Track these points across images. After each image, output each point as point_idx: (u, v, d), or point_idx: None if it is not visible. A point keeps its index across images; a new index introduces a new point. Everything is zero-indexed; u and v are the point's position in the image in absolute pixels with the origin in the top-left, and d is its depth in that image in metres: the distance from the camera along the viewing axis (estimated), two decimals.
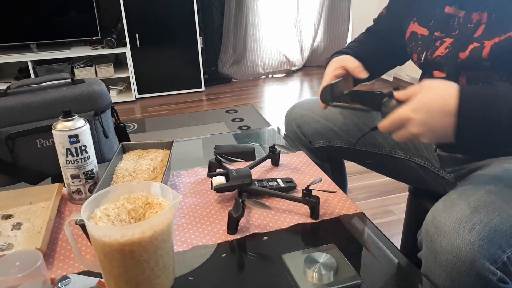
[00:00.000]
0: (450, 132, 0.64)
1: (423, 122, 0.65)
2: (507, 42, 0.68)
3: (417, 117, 0.65)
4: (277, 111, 3.00)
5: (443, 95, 0.64)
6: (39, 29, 3.12)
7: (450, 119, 0.63)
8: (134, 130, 2.71)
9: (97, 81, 1.09)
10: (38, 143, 0.98)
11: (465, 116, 0.63)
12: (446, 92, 0.64)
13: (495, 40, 0.69)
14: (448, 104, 0.63)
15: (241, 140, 1.27)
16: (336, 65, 0.89)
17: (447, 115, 0.63)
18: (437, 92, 0.65)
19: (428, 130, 0.65)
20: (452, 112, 0.63)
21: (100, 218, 0.59)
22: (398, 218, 1.69)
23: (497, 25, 0.70)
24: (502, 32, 0.69)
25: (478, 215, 0.62)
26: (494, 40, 0.70)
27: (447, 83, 0.65)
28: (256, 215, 0.81)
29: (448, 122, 0.63)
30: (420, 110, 0.65)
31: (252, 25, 3.68)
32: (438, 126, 0.64)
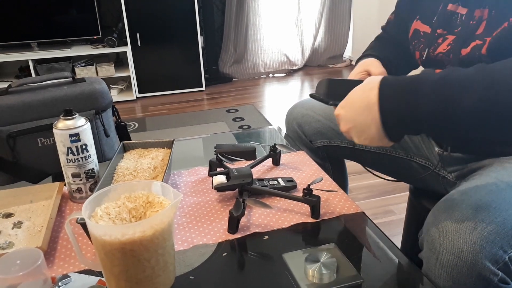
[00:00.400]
0: (375, 128, 0.61)
1: (347, 119, 0.64)
2: (502, 34, 0.67)
3: (343, 113, 0.65)
4: (278, 111, 3.00)
5: (365, 90, 0.62)
6: (40, 28, 3.12)
7: (372, 113, 0.60)
8: (134, 129, 2.71)
9: (98, 80, 1.09)
10: (39, 142, 0.98)
11: (385, 107, 0.59)
12: (369, 86, 0.62)
13: (493, 35, 0.69)
14: (367, 97, 0.61)
15: (242, 139, 1.27)
16: (360, 69, 0.88)
17: (368, 109, 0.61)
18: (362, 87, 0.63)
19: (354, 126, 0.64)
20: (371, 105, 0.60)
21: (101, 217, 0.59)
22: (399, 218, 1.69)
23: (496, 21, 0.70)
24: (498, 26, 0.68)
25: (480, 215, 0.61)
26: (492, 36, 0.69)
27: (375, 77, 0.63)
28: (256, 214, 0.81)
29: (370, 116, 0.60)
30: (345, 106, 0.65)
31: (253, 25, 3.68)
32: (362, 121, 0.62)
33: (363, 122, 0.62)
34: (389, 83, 0.60)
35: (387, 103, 0.59)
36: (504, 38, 0.67)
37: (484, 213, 0.62)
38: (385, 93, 0.60)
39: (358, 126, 0.63)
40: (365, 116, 0.61)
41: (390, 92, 0.60)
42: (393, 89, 0.60)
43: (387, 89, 0.60)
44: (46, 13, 3.09)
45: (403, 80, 0.59)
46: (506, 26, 0.67)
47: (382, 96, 0.60)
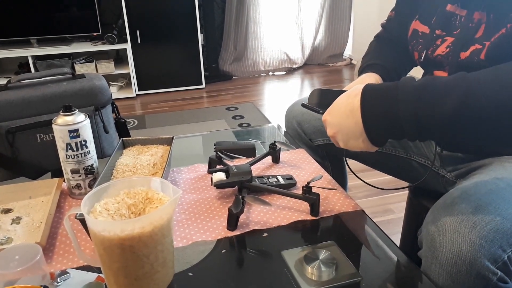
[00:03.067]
0: (359, 133, 0.64)
1: (333, 124, 0.68)
2: (500, 40, 0.68)
3: (330, 119, 0.68)
4: (278, 109, 3.00)
5: (350, 96, 0.65)
6: (39, 24, 3.11)
7: (354, 117, 0.63)
8: (134, 126, 2.71)
9: (98, 76, 1.08)
10: (38, 138, 0.98)
11: (367, 112, 0.62)
12: (354, 92, 0.65)
13: (492, 40, 0.69)
14: (351, 103, 0.64)
15: (241, 137, 1.26)
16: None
17: (351, 115, 0.64)
18: (347, 94, 0.66)
19: (340, 131, 0.67)
20: (355, 110, 0.63)
21: (100, 213, 0.59)
22: (398, 217, 1.69)
23: (494, 25, 0.69)
24: (496, 31, 0.68)
25: (479, 214, 0.61)
26: (491, 41, 0.69)
27: (361, 84, 0.66)
28: (256, 212, 0.81)
29: (353, 121, 0.64)
30: (332, 112, 0.68)
31: (253, 23, 3.67)
32: (346, 126, 0.65)
33: (348, 127, 0.65)
34: (371, 89, 0.63)
35: (368, 108, 0.62)
36: (502, 44, 0.67)
37: (483, 212, 0.62)
38: (367, 98, 0.63)
39: (343, 130, 0.66)
40: (349, 121, 0.64)
41: (371, 97, 0.62)
42: (374, 94, 0.62)
43: (368, 95, 0.63)
44: (46, 9, 3.08)
45: (384, 86, 0.62)
46: (504, 32, 0.67)
47: (364, 101, 0.63)
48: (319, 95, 0.80)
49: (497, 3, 0.70)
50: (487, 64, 0.68)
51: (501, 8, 0.69)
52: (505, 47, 0.67)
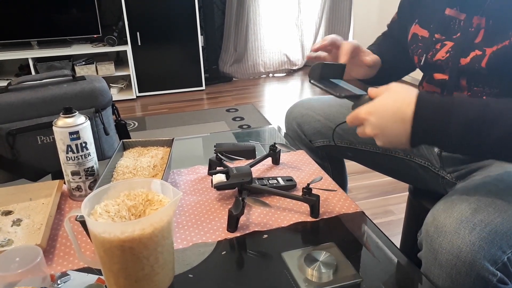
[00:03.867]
0: (404, 139, 0.65)
1: (376, 126, 0.67)
2: (503, 51, 0.68)
3: (372, 120, 0.67)
4: (278, 110, 3.00)
5: (400, 101, 0.65)
6: (40, 26, 3.11)
7: (405, 126, 0.64)
8: (134, 128, 2.71)
9: (98, 78, 1.09)
10: (39, 140, 0.98)
11: (419, 125, 0.63)
12: (404, 99, 0.65)
13: (493, 49, 0.69)
14: (403, 111, 0.64)
15: (242, 138, 1.26)
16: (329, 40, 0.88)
17: (401, 122, 0.64)
18: (395, 97, 0.66)
19: (381, 134, 0.67)
20: (406, 120, 0.64)
21: (100, 215, 0.59)
22: (398, 218, 1.69)
23: (495, 33, 0.70)
24: (499, 41, 0.68)
25: (479, 215, 0.62)
26: (492, 49, 0.69)
27: (409, 89, 0.66)
28: (256, 213, 0.81)
29: (403, 128, 0.64)
30: (375, 114, 0.67)
31: (253, 24, 3.68)
32: (392, 131, 0.65)
33: (394, 132, 0.65)
34: (426, 103, 0.63)
35: (421, 123, 0.63)
36: (504, 55, 0.68)
37: (483, 214, 0.62)
38: (421, 112, 0.63)
39: (387, 134, 0.66)
40: (396, 127, 0.65)
41: (425, 112, 0.63)
42: (429, 110, 0.63)
43: (423, 109, 0.63)
44: (47, 11, 3.09)
45: (440, 103, 0.63)
46: (507, 44, 0.67)
47: (418, 114, 0.63)
48: (321, 69, 0.80)
49: (495, 10, 0.70)
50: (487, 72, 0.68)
51: (501, 15, 0.69)
52: (507, 58, 0.68)
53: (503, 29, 0.68)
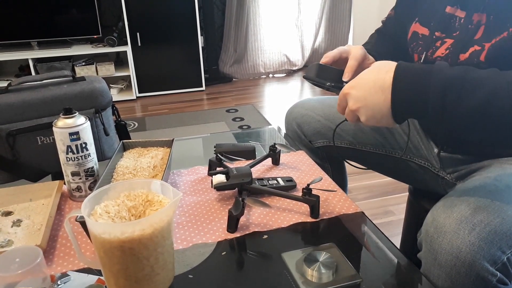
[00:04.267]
0: (386, 109, 0.64)
1: (358, 98, 0.67)
2: (501, 43, 0.68)
3: (353, 93, 0.67)
4: (278, 111, 3.00)
5: (380, 72, 0.65)
6: (40, 27, 3.12)
7: (385, 94, 0.63)
8: (134, 129, 2.71)
9: (98, 78, 1.08)
10: (39, 140, 0.98)
11: (397, 90, 0.62)
12: (384, 69, 0.65)
13: (492, 42, 0.69)
14: (382, 79, 0.64)
15: (242, 139, 1.27)
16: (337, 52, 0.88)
17: (381, 91, 0.64)
18: (375, 69, 0.66)
19: (363, 106, 0.66)
20: (386, 87, 0.63)
21: (100, 215, 0.59)
22: (398, 219, 1.69)
23: (495, 27, 0.70)
24: (498, 34, 0.68)
25: (478, 216, 0.62)
26: (491, 43, 0.69)
27: (389, 62, 0.66)
28: (256, 214, 0.81)
29: (383, 98, 0.63)
30: (357, 86, 0.67)
31: (253, 25, 3.68)
32: (373, 102, 0.65)
33: (375, 102, 0.64)
34: (405, 69, 0.63)
35: (400, 88, 0.62)
36: (503, 48, 0.67)
37: (482, 214, 0.62)
38: (400, 77, 0.63)
39: (369, 105, 0.65)
40: (377, 97, 0.64)
41: (404, 78, 0.62)
42: (407, 76, 0.62)
43: (402, 74, 0.63)
44: (47, 12, 3.09)
45: (419, 69, 0.62)
46: (505, 35, 0.67)
47: (397, 80, 0.63)
48: (317, 69, 0.82)
49: (496, 4, 0.70)
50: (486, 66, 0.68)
51: (501, 9, 0.69)
52: (506, 51, 0.68)
53: (502, 23, 0.68)
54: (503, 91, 0.57)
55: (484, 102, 0.57)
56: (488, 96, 0.57)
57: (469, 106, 0.58)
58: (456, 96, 0.59)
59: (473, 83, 0.58)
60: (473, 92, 0.58)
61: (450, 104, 0.59)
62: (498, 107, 0.57)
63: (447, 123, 0.62)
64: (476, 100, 0.58)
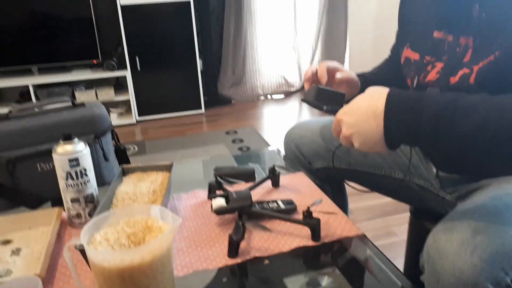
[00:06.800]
0: (379, 136, 0.64)
1: (351, 124, 0.68)
2: (489, 66, 0.69)
3: (346, 119, 0.68)
4: (277, 132, 3.01)
5: (372, 98, 0.66)
6: (40, 53, 3.16)
7: (377, 121, 0.64)
8: (134, 153, 2.72)
9: (98, 104, 1.09)
10: (39, 167, 0.98)
11: (390, 118, 0.63)
12: (377, 95, 0.66)
13: (480, 65, 0.70)
14: (375, 105, 0.65)
15: (241, 161, 1.27)
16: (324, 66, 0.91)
17: (373, 117, 0.64)
18: (368, 95, 0.67)
19: (357, 132, 0.67)
20: (378, 114, 0.64)
21: (99, 243, 0.59)
22: (401, 239, 1.67)
23: (481, 50, 0.71)
24: (485, 57, 0.70)
25: (480, 237, 0.61)
26: (479, 66, 0.70)
27: (382, 88, 0.67)
28: (256, 238, 0.81)
29: (375, 124, 0.64)
30: (350, 112, 0.68)
31: (250, 48, 3.73)
32: (365, 128, 0.66)
33: (367, 129, 0.65)
34: (397, 95, 0.64)
35: (392, 115, 0.63)
36: (491, 70, 0.69)
37: (483, 235, 0.61)
38: (392, 104, 0.63)
39: (361, 131, 0.66)
40: (370, 123, 0.65)
41: (396, 105, 0.63)
42: (400, 103, 0.63)
43: (394, 101, 0.64)
44: (47, 38, 3.13)
45: (411, 95, 0.63)
46: (492, 59, 0.68)
47: (389, 107, 0.63)
48: (316, 92, 0.83)
49: (480, 28, 0.71)
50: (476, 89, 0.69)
51: (486, 33, 0.70)
52: (494, 73, 0.69)
53: (488, 46, 0.69)
54: (494, 118, 0.58)
55: (477, 128, 0.58)
56: (480, 123, 0.58)
57: (462, 132, 0.59)
58: (448, 123, 0.60)
59: (465, 109, 0.59)
60: (466, 118, 0.59)
61: (443, 131, 0.60)
62: (490, 134, 0.58)
63: (440, 148, 0.63)
64: (469, 126, 0.59)
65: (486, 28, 0.71)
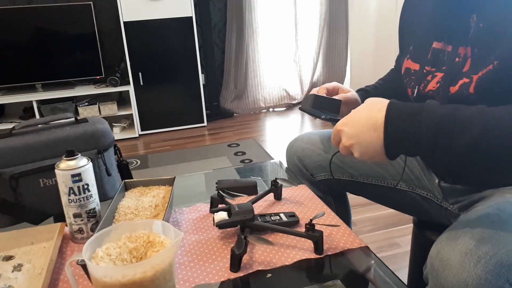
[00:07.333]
0: (379, 147, 0.66)
1: (351, 135, 0.69)
2: (488, 76, 0.69)
3: (346, 130, 0.70)
4: (279, 144, 3.02)
5: (372, 110, 0.67)
6: (44, 69, 3.19)
7: (377, 132, 0.65)
8: (137, 167, 2.72)
9: (100, 120, 1.10)
10: (41, 183, 0.99)
11: (390, 129, 0.65)
12: (376, 107, 0.67)
13: (479, 74, 0.71)
14: (375, 117, 0.66)
15: (244, 174, 1.27)
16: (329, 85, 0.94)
17: (373, 128, 0.66)
18: (368, 106, 0.69)
19: (357, 143, 0.68)
20: (378, 125, 0.65)
21: (101, 258, 0.59)
22: (404, 251, 1.66)
23: (480, 60, 0.71)
24: (484, 66, 0.70)
25: (483, 247, 0.61)
26: (478, 75, 0.71)
27: (381, 99, 0.68)
28: (259, 251, 0.80)
29: (375, 135, 0.66)
30: (349, 123, 0.70)
31: (252, 62, 3.76)
32: (366, 139, 0.67)
33: (368, 140, 0.67)
34: (396, 108, 0.65)
35: (392, 126, 0.65)
36: (490, 80, 0.69)
37: (487, 245, 0.61)
38: (392, 116, 0.65)
39: (362, 142, 0.68)
40: (370, 134, 0.66)
41: (396, 117, 0.65)
42: (399, 113, 0.65)
43: (394, 113, 0.65)
44: (50, 54, 3.17)
45: (410, 108, 0.65)
46: (491, 68, 0.69)
47: (389, 119, 0.65)
48: (313, 100, 0.85)
49: (478, 38, 0.72)
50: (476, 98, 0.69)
51: (484, 43, 0.71)
52: (493, 82, 0.69)
53: (487, 56, 0.70)
54: (492, 128, 0.59)
55: (475, 140, 0.60)
56: (479, 135, 0.59)
57: (460, 144, 0.61)
58: (447, 135, 0.61)
59: (463, 122, 0.61)
60: (464, 131, 0.60)
61: (441, 143, 0.62)
62: (488, 145, 0.59)
63: (439, 160, 0.64)
64: (467, 138, 0.60)
65: (484, 38, 0.71)
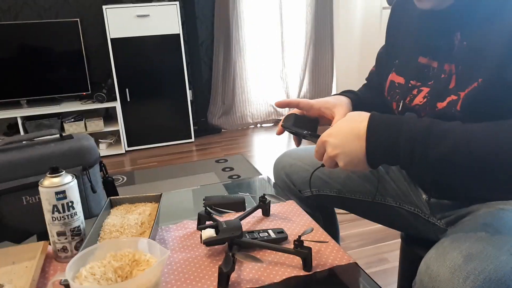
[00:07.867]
0: (362, 156, 0.70)
1: (335, 145, 0.72)
2: (473, 93, 0.71)
3: (331, 140, 0.73)
4: (267, 160, 3.02)
5: (356, 121, 0.72)
6: (30, 85, 3.15)
7: (360, 142, 0.70)
8: (123, 183, 2.68)
9: (86, 136, 1.09)
10: (24, 200, 0.97)
11: (372, 139, 0.69)
12: (359, 118, 0.72)
13: (465, 92, 0.72)
14: (358, 128, 0.70)
15: (232, 189, 1.26)
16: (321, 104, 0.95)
17: (357, 138, 0.70)
18: (351, 119, 0.73)
19: (342, 152, 0.72)
20: (361, 135, 0.70)
21: (85, 278, 0.57)
22: (393, 266, 1.66)
23: (465, 77, 0.73)
24: (469, 84, 0.72)
25: (471, 263, 0.61)
26: (465, 92, 0.72)
27: (362, 112, 0.73)
28: (247, 269, 0.79)
29: (359, 145, 0.70)
30: (333, 134, 0.74)
31: (239, 78, 3.79)
32: (350, 148, 0.71)
33: (352, 149, 0.70)
34: (378, 119, 0.70)
35: (374, 137, 0.69)
36: (476, 98, 0.71)
37: (475, 261, 0.61)
38: (373, 127, 0.70)
39: (346, 152, 0.71)
40: (355, 144, 0.70)
41: (377, 128, 0.69)
42: (380, 126, 0.70)
43: (375, 124, 0.70)
44: (36, 71, 3.14)
45: (390, 120, 0.69)
46: (476, 86, 0.70)
47: (370, 130, 0.69)
48: (294, 119, 0.91)
49: (462, 56, 0.74)
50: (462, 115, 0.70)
51: (468, 61, 0.73)
52: (478, 101, 0.71)
53: (471, 73, 0.72)
54: (463, 143, 0.63)
55: (447, 153, 0.64)
56: (451, 148, 0.63)
57: (434, 156, 0.64)
58: (422, 147, 0.65)
59: (438, 135, 0.65)
60: (438, 144, 0.64)
61: (418, 154, 0.65)
62: (460, 158, 0.63)
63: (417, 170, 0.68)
64: (440, 150, 0.64)
65: (467, 56, 0.73)
